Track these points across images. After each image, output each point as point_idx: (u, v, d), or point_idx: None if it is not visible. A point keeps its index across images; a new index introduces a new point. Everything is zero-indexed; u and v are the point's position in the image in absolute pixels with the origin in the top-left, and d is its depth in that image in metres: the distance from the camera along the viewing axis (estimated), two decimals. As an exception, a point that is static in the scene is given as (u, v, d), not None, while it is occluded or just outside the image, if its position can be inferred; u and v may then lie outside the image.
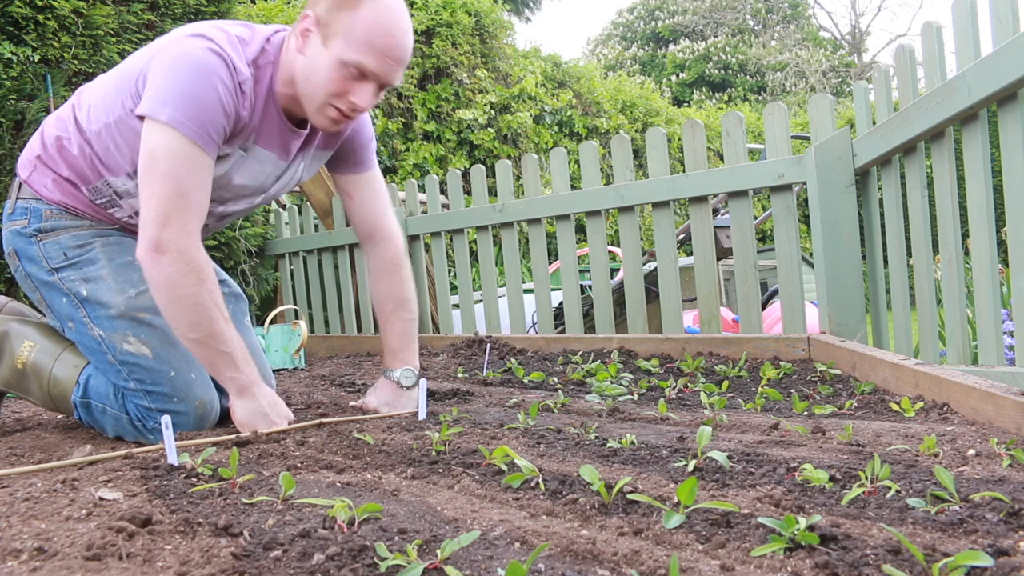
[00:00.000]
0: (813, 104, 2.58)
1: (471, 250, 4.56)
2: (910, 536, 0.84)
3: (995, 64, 1.67)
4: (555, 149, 3.19)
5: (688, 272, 3.88)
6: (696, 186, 2.77)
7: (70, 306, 1.72)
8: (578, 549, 0.83)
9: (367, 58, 1.56)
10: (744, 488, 1.05)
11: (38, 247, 1.74)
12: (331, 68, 1.58)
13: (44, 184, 1.76)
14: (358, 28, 1.55)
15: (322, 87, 1.60)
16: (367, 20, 1.55)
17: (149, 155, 1.55)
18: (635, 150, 9.24)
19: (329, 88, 1.60)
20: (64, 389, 1.75)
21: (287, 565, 0.81)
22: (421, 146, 7.51)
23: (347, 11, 1.55)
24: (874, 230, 2.52)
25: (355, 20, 1.55)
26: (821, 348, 2.30)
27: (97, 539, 0.88)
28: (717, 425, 1.55)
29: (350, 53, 1.56)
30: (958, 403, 1.51)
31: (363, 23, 1.55)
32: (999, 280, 1.93)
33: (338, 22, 1.56)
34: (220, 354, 1.60)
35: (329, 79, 1.59)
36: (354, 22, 1.55)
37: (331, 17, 1.56)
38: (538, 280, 3.27)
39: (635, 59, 23.10)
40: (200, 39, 1.58)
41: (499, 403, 1.92)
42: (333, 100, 1.61)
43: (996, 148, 5.78)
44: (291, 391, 2.35)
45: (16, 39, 3.32)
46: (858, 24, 25.88)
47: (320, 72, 1.59)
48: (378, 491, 1.12)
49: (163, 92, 1.54)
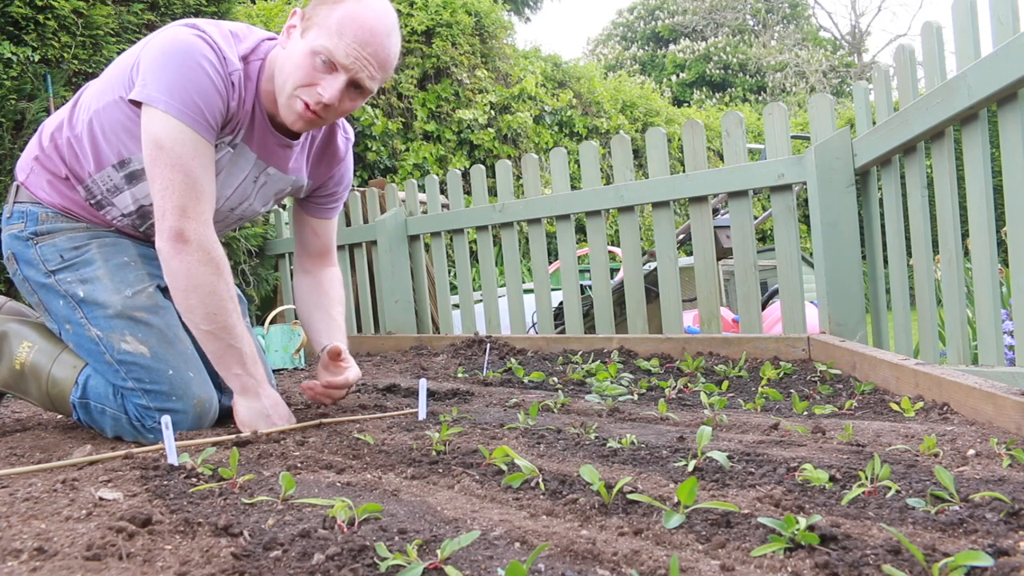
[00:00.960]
0: (813, 104, 2.58)
1: (471, 250, 4.56)
2: (910, 536, 0.84)
3: (995, 64, 1.67)
4: (555, 149, 3.19)
5: (688, 272, 3.88)
6: (696, 186, 2.77)
7: (67, 308, 1.72)
8: (578, 549, 0.83)
9: (335, 44, 1.55)
10: (744, 488, 1.05)
11: (35, 250, 1.75)
12: (302, 56, 1.58)
13: (41, 186, 1.77)
14: (333, 17, 1.56)
15: (292, 76, 1.60)
16: (344, 12, 1.56)
17: (154, 144, 1.57)
18: (635, 150, 9.24)
19: (298, 76, 1.59)
20: (63, 390, 1.75)
21: (287, 565, 0.81)
22: (421, 146, 7.51)
23: (328, 5, 1.57)
24: (874, 230, 2.52)
25: (333, 11, 1.57)
26: (821, 348, 2.30)
27: (97, 539, 0.88)
28: (717, 425, 1.55)
29: (321, 40, 1.56)
30: (958, 403, 1.51)
31: (339, 13, 1.56)
32: (999, 280, 1.93)
33: (317, 14, 1.58)
34: (230, 348, 1.63)
35: (298, 66, 1.59)
36: (331, 12, 1.57)
37: (313, 11, 1.59)
38: (538, 280, 3.27)
39: (635, 59, 23.10)
40: (190, 28, 1.62)
41: (499, 403, 1.92)
42: (300, 92, 1.61)
43: (996, 148, 5.77)
44: (291, 391, 2.35)
45: (16, 39, 3.32)
46: (858, 24, 25.89)
47: (292, 60, 1.60)
48: (378, 491, 1.12)
49: (159, 80, 1.56)
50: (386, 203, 4.03)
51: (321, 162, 1.94)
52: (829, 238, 2.43)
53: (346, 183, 2.03)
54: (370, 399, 2.08)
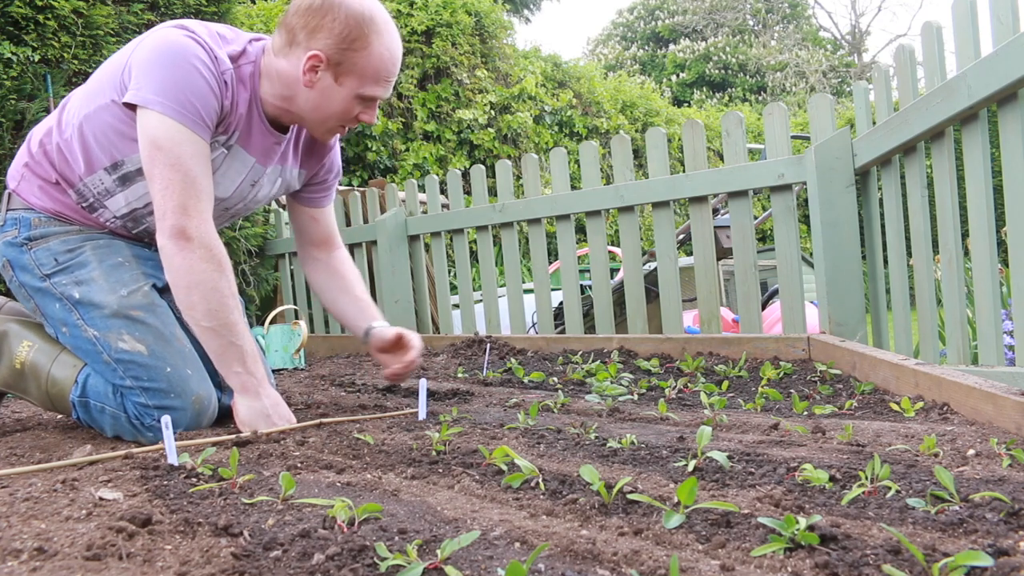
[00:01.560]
0: (813, 104, 2.58)
1: (471, 250, 4.55)
2: (910, 536, 0.84)
3: (995, 64, 1.67)
4: (555, 149, 3.19)
5: (688, 272, 3.88)
6: (696, 186, 2.77)
7: (63, 310, 1.72)
8: (578, 549, 0.83)
9: (380, 90, 1.72)
10: (744, 488, 1.05)
11: (29, 255, 1.76)
12: (347, 101, 1.71)
13: (32, 192, 1.78)
14: (371, 66, 1.67)
15: (336, 116, 1.74)
16: (378, 58, 1.67)
17: (152, 145, 1.59)
18: (635, 150, 9.24)
19: (344, 116, 1.74)
20: (62, 389, 1.75)
21: (287, 565, 0.81)
22: (421, 146, 7.51)
23: (359, 52, 1.66)
24: (874, 230, 2.52)
25: (368, 59, 1.66)
26: (821, 348, 2.30)
27: (97, 539, 0.88)
28: (717, 425, 1.55)
29: (367, 89, 1.70)
30: (958, 403, 1.51)
31: (375, 61, 1.67)
32: (999, 280, 1.93)
33: (351, 62, 1.67)
34: (231, 345, 1.64)
35: (345, 110, 1.72)
36: (368, 61, 1.66)
37: (343, 57, 1.66)
38: (538, 280, 3.27)
39: (635, 59, 23.10)
40: (180, 29, 1.64)
41: (499, 403, 1.92)
42: (344, 122, 1.76)
43: (996, 148, 5.77)
44: (291, 391, 2.35)
45: (16, 39, 3.33)
46: (858, 24, 25.88)
47: (335, 104, 1.71)
48: (378, 491, 1.12)
49: (153, 82, 1.58)
50: (386, 203, 4.03)
51: (312, 154, 1.97)
52: (829, 238, 2.43)
53: (336, 170, 2.08)
54: (370, 399, 2.08)
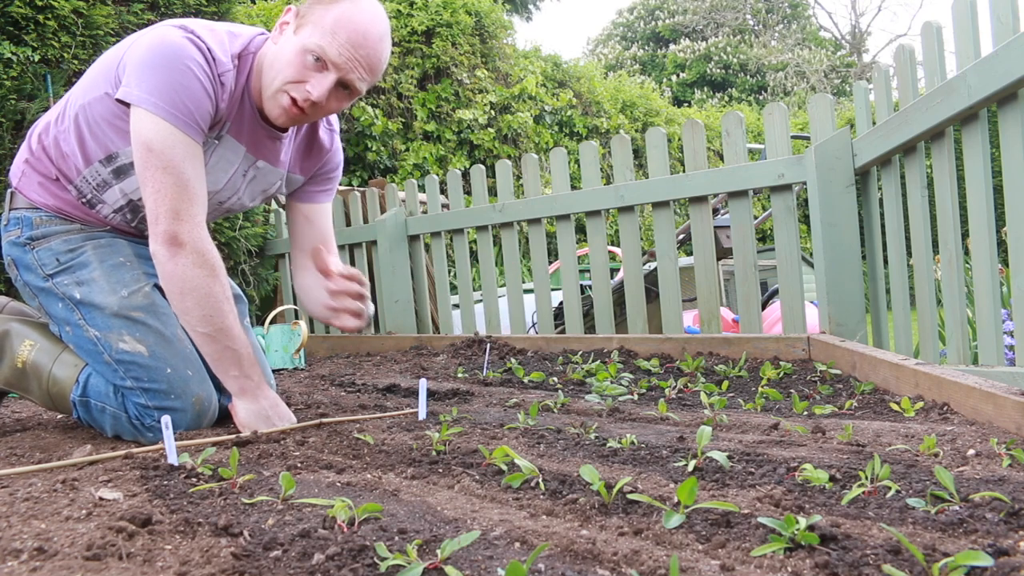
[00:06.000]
0: (813, 104, 2.58)
1: (471, 250, 4.55)
2: (910, 536, 0.84)
3: (995, 64, 1.67)
4: (555, 149, 3.19)
5: (688, 272, 3.88)
6: (696, 186, 2.77)
7: (65, 310, 1.73)
8: (578, 549, 0.83)
9: (329, 43, 1.58)
10: (744, 488, 1.05)
11: (32, 255, 1.76)
12: (294, 52, 1.60)
13: (33, 188, 1.78)
14: (328, 17, 1.59)
15: (282, 71, 1.62)
16: (340, 12, 1.59)
17: (144, 147, 1.57)
18: (635, 150, 9.24)
19: (288, 72, 1.61)
20: (63, 388, 1.75)
21: (287, 565, 0.81)
22: (421, 146, 7.51)
23: (324, 5, 1.60)
24: (874, 230, 2.52)
25: (328, 11, 1.59)
26: (821, 348, 2.29)
27: (97, 539, 0.88)
28: (717, 425, 1.55)
29: (314, 38, 1.58)
30: (958, 403, 1.51)
31: (335, 13, 1.59)
32: (999, 280, 1.93)
33: (312, 13, 1.61)
34: (227, 350, 1.63)
35: (290, 63, 1.61)
36: (327, 12, 1.60)
37: (308, 9, 1.61)
38: (538, 280, 3.27)
39: (635, 59, 23.09)
40: (179, 28, 1.62)
41: (499, 403, 1.92)
42: (289, 88, 1.63)
43: (996, 148, 5.78)
44: (291, 391, 2.35)
45: (16, 39, 3.33)
46: (858, 24, 25.85)
47: (283, 55, 1.62)
48: (378, 491, 1.12)
49: (147, 82, 1.56)
50: (386, 203, 4.03)
51: (308, 157, 1.95)
52: (829, 238, 2.43)
53: (337, 170, 2.02)
54: (370, 399, 2.08)
